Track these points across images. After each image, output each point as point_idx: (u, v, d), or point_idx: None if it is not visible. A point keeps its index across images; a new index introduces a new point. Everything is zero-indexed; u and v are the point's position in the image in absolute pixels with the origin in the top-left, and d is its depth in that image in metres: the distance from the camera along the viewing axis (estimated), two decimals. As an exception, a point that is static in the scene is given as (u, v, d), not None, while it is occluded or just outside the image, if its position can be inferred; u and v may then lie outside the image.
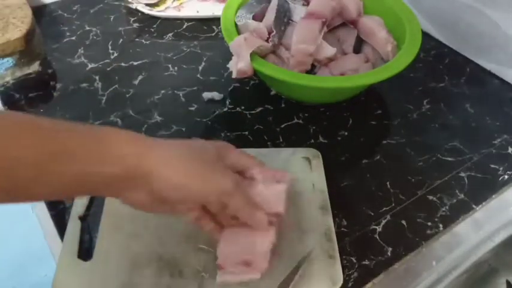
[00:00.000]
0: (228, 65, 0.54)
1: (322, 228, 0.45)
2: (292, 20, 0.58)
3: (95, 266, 0.41)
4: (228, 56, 0.54)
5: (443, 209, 0.48)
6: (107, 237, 0.44)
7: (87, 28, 0.71)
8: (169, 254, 0.42)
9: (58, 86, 0.61)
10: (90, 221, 0.46)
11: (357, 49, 0.59)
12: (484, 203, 0.49)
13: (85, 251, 0.43)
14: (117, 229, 0.44)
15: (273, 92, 0.61)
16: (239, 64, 0.52)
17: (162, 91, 0.61)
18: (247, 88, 0.62)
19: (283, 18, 0.58)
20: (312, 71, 0.58)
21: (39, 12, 0.72)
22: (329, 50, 0.55)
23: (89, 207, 0.46)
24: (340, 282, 0.41)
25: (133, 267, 0.41)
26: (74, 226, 0.45)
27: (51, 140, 0.30)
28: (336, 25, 0.59)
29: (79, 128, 0.32)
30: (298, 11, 0.58)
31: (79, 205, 0.46)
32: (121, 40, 0.69)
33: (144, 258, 0.42)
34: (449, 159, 0.53)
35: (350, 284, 0.42)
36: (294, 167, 0.50)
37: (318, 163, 0.50)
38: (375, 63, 0.57)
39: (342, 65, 0.56)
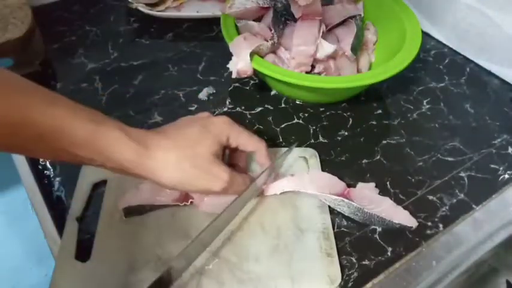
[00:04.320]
0: (228, 65, 0.54)
1: (320, 227, 0.45)
2: (289, 20, 0.58)
3: (93, 267, 0.41)
4: (228, 56, 0.54)
5: (443, 209, 0.48)
6: (104, 238, 0.44)
7: (87, 28, 0.71)
8: (168, 254, 0.42)
9: (58, 86, 0.61)
10: (87, 222, 0.46)
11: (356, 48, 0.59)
12: (484, 203, 0.49)
13: (83, 252, 0.43)
14: (114, 230, 0.44)
15: (273, 92, 0.61)
16: (239, 64, 0.52)
17: (162, 91, 0.61)
18: (247, 88, 0.62)
19: (280, 18, 0.58)
20: (311, 71, 0.58)
21: (39, 12, 0.71)
22: (329, 47, 0.55)
23: (86, 208, 0.46)
24: (339, 280, 0.41)
25: (131, 267, 0.41)
26: (71, 227, 0.45)
27: (50, 116, 0.32)
28: (335, 24, 0.59)
29: (80, 112, 0.34)
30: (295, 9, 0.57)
31: (76, 206, 0.46)
32: (121, 40, 0.69)
33: (142, 258, 0.42)
34: (449, 159, 0.53)
35: (350, 284, 0.42)
36: (292, 167, 0.50)
37: (315, 162, 0.51)
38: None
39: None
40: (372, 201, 0.46)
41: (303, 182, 0.47)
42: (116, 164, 0.36)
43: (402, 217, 0.46)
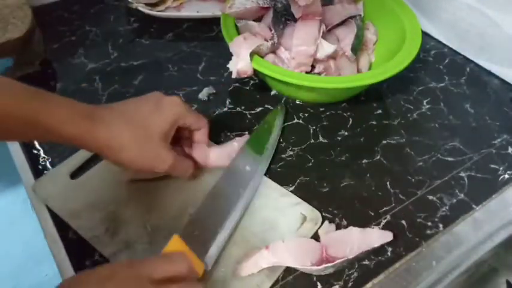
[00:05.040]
0: (228, 65, 0.54)
1: None
2: (289, 20, 0.58)
3: (79, 185, 0.48)
4: (228, 56, 0.54)
5: (443, 209, 0.48)
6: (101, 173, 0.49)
7: (87, 28, 0.71)
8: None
9: (58, 86, 0.61)
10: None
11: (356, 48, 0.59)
12: (484, 203, 0.49)
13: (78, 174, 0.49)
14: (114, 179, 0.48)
15: (273, 92, 0.61)
16: (239, 64, 0.52)
17: (162, 91, 0.60)
18: (247, 88, 0.62)
19: (280, 18, 0.58)
20: (311, 71, 0.58)
21: (39, 12, 0.71)
22: (329, 47, 0.55)
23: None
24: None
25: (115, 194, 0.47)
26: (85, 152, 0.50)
27: (25, 107, 0.36)
28: (335, 24, 0.59)
29: (47, 98, 0.37)
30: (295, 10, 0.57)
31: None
32: (121, 40, 0.69)
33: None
34: (449, 159, 0.53)
35: (350, 284, 0.42)
36: (285, 220, 0.46)
37: (311, 229, 0.45)
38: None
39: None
40: (343, 240, 0.43)
41: (281, 255, 0.42)
42: (68, 139, 0.38)
43: (378, 236, 0.43)
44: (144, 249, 0.43)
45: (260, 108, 0.59)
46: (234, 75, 0.53)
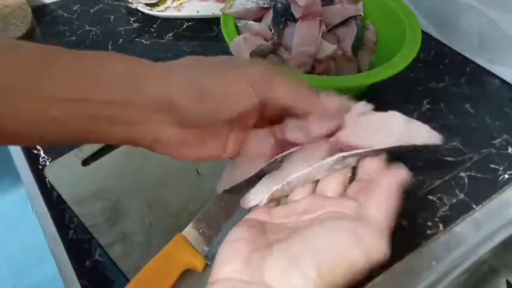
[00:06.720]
0: (228, 65, 0.54)
1: None
2: (289, 20, 0.58)
3: (88, 172, 0.49)
4: (228, 56, 0.54)
5: (443, 209, 0.48)
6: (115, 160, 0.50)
7: (87, 28, 0.71)
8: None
9: (58, 86, 0.61)
10: None
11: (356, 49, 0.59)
12: (484, 203, 0.49)
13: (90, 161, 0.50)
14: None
15: (273, 92, 0.61)
16: (239, 64, 0.52)
17: (162, 91, 0.61)
18: (247, 88, 0.62)
19: (280, 18, 0.58)
20: (312, 71, 0.58)
21: (39, 12, 0.72)
22: (329, 48, 0.55)
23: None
24: None
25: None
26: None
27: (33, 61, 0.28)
28: (335, 24, 0.59)
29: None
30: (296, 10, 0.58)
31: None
32: (121, 40, 0.69)
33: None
34: (449, 159, 0.53)
35: (350, 284, 0.42)
36: None
37: None
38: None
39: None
40: (374, 127, 0.34)
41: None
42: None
43: (425, 132, 0.34)
44: (139, 243, 0.43)
45: (260, 108, 0.59)
46: (234, 75, 0.53)
